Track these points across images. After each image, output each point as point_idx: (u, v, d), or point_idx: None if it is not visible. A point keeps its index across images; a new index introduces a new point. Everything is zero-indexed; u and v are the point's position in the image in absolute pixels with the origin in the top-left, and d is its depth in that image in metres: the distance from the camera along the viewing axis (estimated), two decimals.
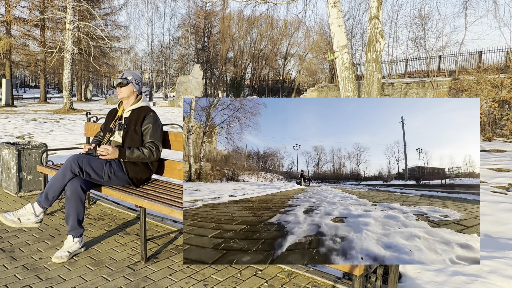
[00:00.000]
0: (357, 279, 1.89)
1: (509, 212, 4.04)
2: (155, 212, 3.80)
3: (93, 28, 20.75)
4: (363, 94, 9.13)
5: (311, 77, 34.18)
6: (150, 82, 41.12)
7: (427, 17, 20.72)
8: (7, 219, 2.73)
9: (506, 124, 9.43)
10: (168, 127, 9.55)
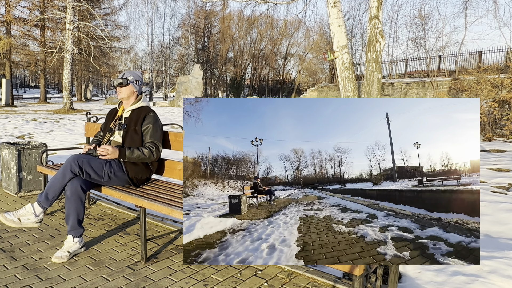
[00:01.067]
0: (357, 279, 1.89)
1: (509, 212, 4.04)
2: (155, 212, 3.80)
3: (93, 28, 20.75)
4: (363, 94, 9.13)
5: (311, 77, 34.18)
6: (150, 82, 41.12)
7: (427, 17, 20.77)
8: (7, 219, 2.73)
9: (506, 124, 9.43)
10: (168, 127, 9.55)
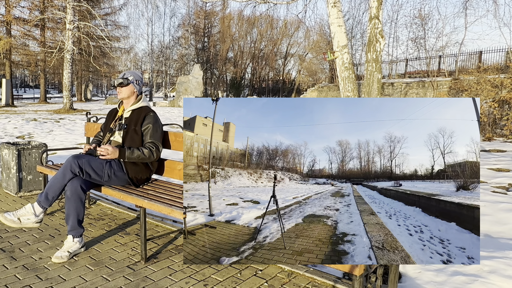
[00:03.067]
0: (357, 279, 1.89)
1: (509, 212, 4.04)
2: (155, 212, 3.80)
3: (93, 28, 20.75)
4: (363, 94, 9.13)
5: (311, 77, 34.16)
6: (150, 82, 41.11)
7: (427, 17, 20.76)
8: (7, 219, 2.73)
9: (506, 124, 9.43)
10: (168, 127, 9.55)
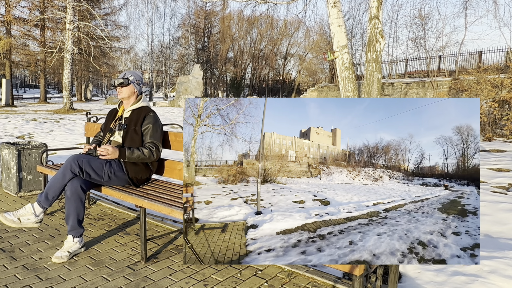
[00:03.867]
0: (357, 279, 1.89)
1: (509, 212, 4.04)
2: (155, 212, 3.80)
3: (93, 28, 20.76)
4: (363, 94, 9.13)
5: (311, 77, 34.17)
6: (150, 82, 41.12)
7: (427, 17, 20.76)
8: (7, 219, 2.73)
9: (506, 124, 9.43)
10: (168, 127, 9.56)
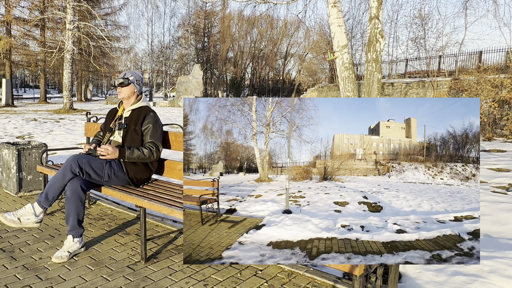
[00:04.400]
0: (357, 279, 1.89)
1: (509, 212, 4.04)
2: (155, 212, 3.80)
3: (93, 28, 20.76)
4: (363, 94, 9.13)
5: (311, 77, 34.15)
6: (150, 82, 41.11)
7: (427, 17, 20.76)
8: (7, 219, 2.73)
9: (506, 124, 9.43)
10: (168, 127, 9.55)
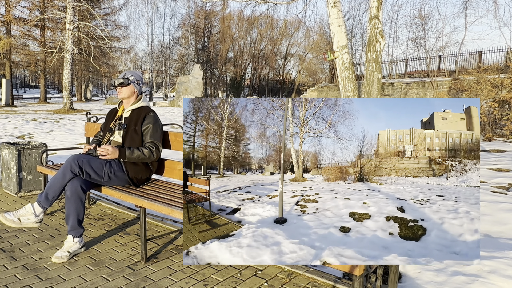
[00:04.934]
0: (357, 279, 1.89)
1: (509, 212, 4.04)
2: (155, 212, 3.80)
3: (93, 28, 20.75)
4: (363, 94, 9.13)
5: (311, 77, 34.18)
6: (150, 82, 41.11)
7: (427, 17, 20.77)
8: (7, 219, 2.73)
9: (506, 124, 9.43)
10: (168, 127, 9.55)
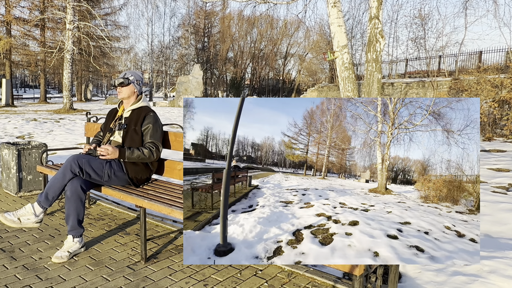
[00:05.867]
0: (357, 279, 1.89)
1: (509, 212, 4.04)
2: (155, 212, 3.80)
3: (93, 28, 20.75)
4: (363, 94, 9.13)
5: (311, 77, 34.18)
6: (150, 82, 41.12)
7: (427, 17, 20.79)
8: (7, 219, 2.73)
9: (506, 124, 9.43)
10: (168, 127, 9.55)
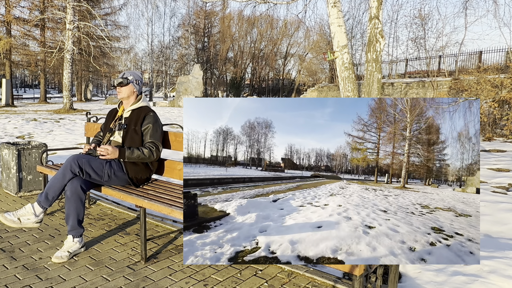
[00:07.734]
0: (357, 279, 1.89)
1: (509, 212, 4.04)
2: (155, 212, 3.80)
3: (93, 28, 20.75)
4: (363, 94, 9.13)
5: (311, 77, 34.16)
6: (150, 82, 41.12)
7: (427, 17, 20.78)
8: (7, 219, 2.73)
9: (506, 124, 9.43)
10: (168, 127, 9.55)
